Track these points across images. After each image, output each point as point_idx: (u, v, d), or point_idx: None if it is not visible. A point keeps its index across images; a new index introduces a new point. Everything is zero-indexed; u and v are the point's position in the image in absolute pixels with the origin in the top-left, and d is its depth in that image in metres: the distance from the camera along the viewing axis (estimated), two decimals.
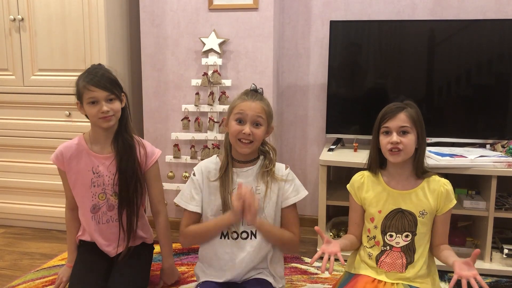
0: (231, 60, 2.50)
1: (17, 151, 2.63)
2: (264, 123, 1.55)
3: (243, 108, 1.53)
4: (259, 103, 1.55)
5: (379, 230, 1.54)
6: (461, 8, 2.48)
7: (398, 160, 1.49)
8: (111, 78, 1.71)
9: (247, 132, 1.51)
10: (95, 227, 1.80)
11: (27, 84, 2.55)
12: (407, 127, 1.48)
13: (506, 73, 2.29)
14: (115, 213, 1.80)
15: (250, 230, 1.57)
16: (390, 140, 1.48)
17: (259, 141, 1.56)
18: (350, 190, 1.62)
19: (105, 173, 1.77)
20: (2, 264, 2.23)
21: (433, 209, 1.51)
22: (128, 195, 1.77)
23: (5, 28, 2.52)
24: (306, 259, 2.25)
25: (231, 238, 1.57)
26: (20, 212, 2.68)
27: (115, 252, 1.81)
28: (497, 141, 2.29)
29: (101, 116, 1.68)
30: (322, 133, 2.68)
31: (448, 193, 1.51)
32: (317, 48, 2.67)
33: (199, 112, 2.54)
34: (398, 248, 1.52)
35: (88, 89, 1.66)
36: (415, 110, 1.52)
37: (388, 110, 1.51)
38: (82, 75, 1.71)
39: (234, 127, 1.53)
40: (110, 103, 1.69)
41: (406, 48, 2.41)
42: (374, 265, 1.55)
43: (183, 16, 2.51)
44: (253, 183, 1.57)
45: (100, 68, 1.73)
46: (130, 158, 1.76)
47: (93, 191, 1.78)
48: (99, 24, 2.40)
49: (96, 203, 1.79)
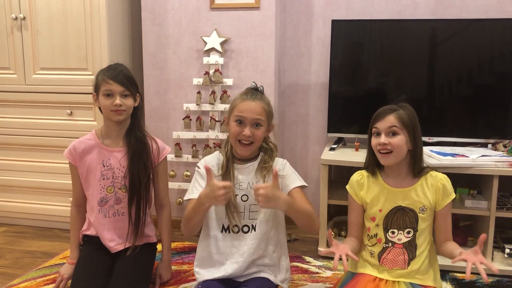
0: (233, 59, 2.50)
1: (19, 150, 2.63)
2: (264, 123, 1.57)
3: (243, 109, 1.54)
4: (259, 103, 1.56)
5: (381, 227, 1.55)
6: (463, 8, 2.47)
7: (390, 163, 1.51)
8: (129, 76, 1.79)
9: (247, 134, 1.53)
10: (102, 220, 1.82)
11: (28, 83, 2.55)
12: (395, 127, 1.48)
13: (508, 73, 2.29)
14: (122, 206, 1.82)
15: (251, 224, 1.59)
16: (378, 141, 1.50)
17: (259, 141, 1.59)
18: (350, 190, 1.62)
19: (116, 165, 1.81)
20: (3, 262, 2.24)
21: (432, 204, 1.52)
22: (140, 191, 1.81)
23: (7, 26, 2.52)
24: (307, 258, 2.25)
25: (232, 232, 1.58)
26: (21, 211, 2.69)
27: (117, 248, 1.81)
28: (499, 141, 2.29)
29: (113, 108, 1.75)
30: (323, 132, 2.68)
31: (445, 188, 1.52)
32: (319, 47, 2.67)
33: (201, 111, 2.54)
34: (400, 244, 1.53)
35: (106, 82, 1.74)
36: (407, 112, 1.51)
37: (379, 112, 1.54)
38: (103, 69, 1.80)
39: (234, 128, 1.55)
40: (124, 98, 1.76)
41: (408, 48, 2.40)
42: (376, 263, 1.55)
43: (185, 15, 2.51)
44: (254, 179, 1.59)
45: (120, 66, 1.83)
46: (143, 154, 1.82)
47: (102, 183, 1.81)
48: (100, 23, 2.40)
49: (104, 196, 1.81)
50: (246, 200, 1.58)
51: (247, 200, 1.58)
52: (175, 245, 2.40)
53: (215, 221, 1.60)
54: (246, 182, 1.59)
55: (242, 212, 1.58)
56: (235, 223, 1.57)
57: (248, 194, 1.58)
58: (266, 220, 1.59)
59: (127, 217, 1.83)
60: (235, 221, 1.57)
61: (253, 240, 1.58)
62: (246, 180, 1.59)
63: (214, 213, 1.60)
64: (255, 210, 1.58)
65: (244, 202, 1.58)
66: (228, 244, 1.59)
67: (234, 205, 1.56)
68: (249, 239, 1.58)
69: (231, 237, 1.59)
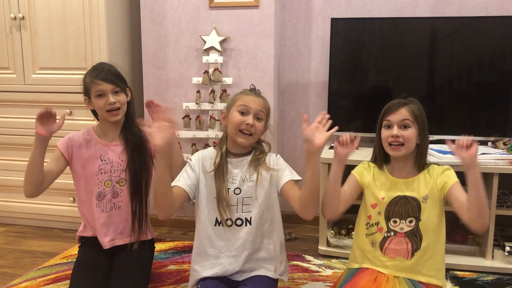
0: (232, 58, 2.50)
1: (18, 150, 2.63)
2: (264, 118, 1.61)
3: (247, 101, 1.58)
4: (261, 99, 1.62)
5: (382, 216, 1.56)
6: (463, 5, 2.47)
7: (399, 155, 1.53)
8: (116, 73, 1.79)
9: (250, 123, 1.55)
10: (99, 215, 1.80)
11: (28, 83, 2.55)
12: (408, 121, 1.52)
13: (508, 70, 2.29)
14: (118, 200, 1.82)
15: (244, 217, 1.59)
16: (391, 134, 1.52)
17: (259, 135, 1.62)
18: (355, 172, 1.65)
19: (114, 159, 1.81)
20: (3, 262, 2.24)
21: (435, 191, 1.52)
22: (141, 187, 1.81)
23: (6, 26, 2.52)
24: (308, 257, 2.25)
25: (226, 225, 1.58)
26: (21, 211, 2.69)
27: (111, 244, 1.80)
28: (499, 139, 2.29)
29: (108, 108, 1.74)
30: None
31: (446, 173, 1.52)
32: (318, 45, 2.66)
33: (200, 110, 2.54)
34: (402, 233, 1.54)
35: (95, 83, 1.74)
36: (418, 107, 1.55)
37: (391, 105, 1.56)
38: (88, 72, 1.79)
39: (237, 117, 1.57)
40: (116, 95, 1.76)
41: (407, 46, 2.40)
42: (379, 254, 1.55)
43: (184, 14, 2.51)
44: (246, 172, 1.61)
45: (105, 64, 1.82)
46: (141, 149, 1.82)
47: (99, 178, 1.80)
48: (99, 23, 2.40)
49: (101, 190, 1.81)
50: (239, 193, 1.59)
51: (239, 193, 1.59)
52: (175, 244, 2.40)
53: (208, 215, 1.60)
54: (239, 176, 1.60)
55: (235, 206, 1.59)
56: (227, 216, 1.57)
57: (240, 187, 1.59)
58: (260, 214, 1.59)
59: (123, 211, 1.81)
60: (226, 214, 1.57)
61: (247, 234, 1.58)
62: (239, 173, 1.60)
63: (206, 208, 1.60)
64: (248, 203, 1.59)
65: (237, 195, 1.59)
66: (222, 237, 1.59)
67: (226, 199, 1.57)
68: (243, 233, 1.58)
69: (224, 231, 1.59)
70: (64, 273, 2.06)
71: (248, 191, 1.59)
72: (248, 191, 1.59)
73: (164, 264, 2.16)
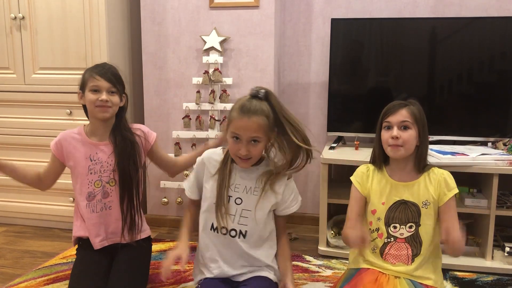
0: (232, 58, 2.50)
1: (18, 150, 2.63)
2: (262, 138, 1.48)
3: (239, 126, 1.46)
4: (255, 120, 1.45)
5: (382, 222, 1.56)
6: (463, 6, 2.47)
7: (399, 156, 1.53)
8: (116, 74, 1.79)
9: (243, 154, 1.47)
10: (89, 216, 1.79)
11: (28, 83, 2.55)
12: (408, 122, 1.52)
13: (508, 71, 2.29)
14: (109, 200, 1.80)
15: (239, 229, 1.55)
16: (390, 135, 1.52)
17: (258, 156, 1.53)
18: (355, 181, 1.63)
19: (104, 159, 1.79)
20: (3, 262, 2.24)
21: (435, 198, 1.52)
22: (131, 189, 1.80)
23: (6, 26, 2.52)
24: (308, 257, 2.25)
25: (220, 233, 1.56)
26: (21, 210, 2.69)
27: (102, 244, 1.79)
28: (499, 139, 2.29)
29: (98, 104, 1.72)
30: (323, 131, 2.68)
31: (446, 182, 1.52)
32: (318, 46, 2.66)
33: (200, 111, 2.54)
34: (403, 239, 1.54)
35: (94, 78, 1.73)
36: (418, 108, 1.55)
37: (391, 106, 1.57)
38: (90, 67, 1.79)
39: (232, 144, 1.50)
40: (111, 95, 1.75)
41: (408, 46, 2.40)
42: (380, 259, 1.55)
43: (184, 14, 2.51)
44: (252, 184, 1.56)
45: (108, 65, 1.82)
46: (131, 151, 1.80)
47: (89, 178, 1.79)
48: (100, 23, 2.40)
49: (91, 190, 1.79)
50: (240, 203, 1.55)
51: (240, 203, 1.55)
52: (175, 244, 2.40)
53: (205, 219, 1.59)
54: (243, 185, 1.56)
55: (233, 215, 1.55)
56: (222, 225, 1.54)
57: (242, 198, 1.55)
58: (255, 229, 1.56)
59: (114, 210, 1.80)
60: (223, 222, 1.54)
61: (241, 246, 1.55)
62: (244, 183, 1.56)
63: (207, 211, 1.59)
64: (246, 216, 1.55)
65: (237, 205, 1.55)
66: (218, 243, 1.57)
67: (225, 206, 1.54)
68: (237, 244, 1.55)
69: (217, 237, 1.57)
70: (64, 273, 2.06)
71: (249, 204, 1.54)
72: (249, 204, 1.54)
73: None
